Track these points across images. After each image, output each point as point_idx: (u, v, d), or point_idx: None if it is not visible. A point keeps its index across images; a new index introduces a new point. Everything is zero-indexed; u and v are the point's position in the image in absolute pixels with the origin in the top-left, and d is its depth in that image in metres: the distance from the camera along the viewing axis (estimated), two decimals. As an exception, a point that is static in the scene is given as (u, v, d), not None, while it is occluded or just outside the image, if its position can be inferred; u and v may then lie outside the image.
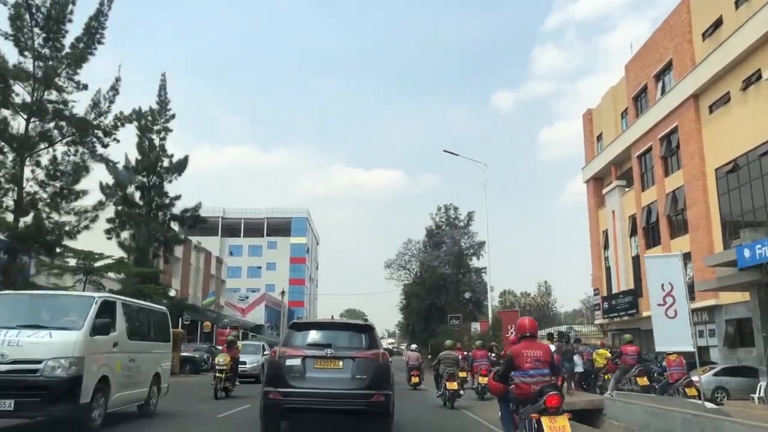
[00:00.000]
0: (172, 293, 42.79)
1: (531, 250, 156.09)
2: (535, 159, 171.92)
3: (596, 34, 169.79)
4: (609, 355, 16.43)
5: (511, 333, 25.08)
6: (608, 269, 39.97)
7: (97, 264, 22.63)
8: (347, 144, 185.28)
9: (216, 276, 69.20)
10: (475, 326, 33.83)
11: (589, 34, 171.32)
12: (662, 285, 11.75)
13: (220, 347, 39.61)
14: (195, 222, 28.16)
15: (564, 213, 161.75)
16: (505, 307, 42.92)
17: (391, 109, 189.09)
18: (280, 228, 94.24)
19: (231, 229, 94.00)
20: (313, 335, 9.00)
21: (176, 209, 28.24)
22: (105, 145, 19.01)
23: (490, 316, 29.70)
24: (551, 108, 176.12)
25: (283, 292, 61.97)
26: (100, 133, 18.77)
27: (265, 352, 22.76)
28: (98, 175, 32.37)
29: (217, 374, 16.09)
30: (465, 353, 22.18)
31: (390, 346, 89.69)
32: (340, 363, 8.36)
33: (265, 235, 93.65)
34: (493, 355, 19.18)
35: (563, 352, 15.50)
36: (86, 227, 18.58)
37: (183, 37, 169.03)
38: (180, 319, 44.76)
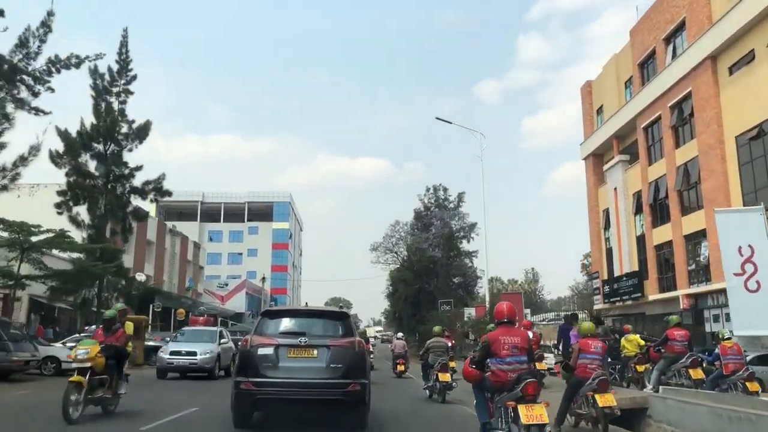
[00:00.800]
0: (141, 277, 39.75)
1: (517, 237, 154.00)
2: (518, 148, 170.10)
3: (581, 24, 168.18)
4: (641, 342, 13.70)
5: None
6: (609, 251, 37.48)
7: (36, 239, 19.60)
8: (333, 133, 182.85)
9: (193, 262, 65.97)
10: (470, 312, 31.20)
11: (573, 24, 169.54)
12: (739, 248, 8.89)
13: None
14: (159, 195, 25.02)
15: (549, 201, 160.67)
16: (492, 295, 40.65)
17: (376, 99, 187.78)
18: (262, 213, 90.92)
19: (210, 214, 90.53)
20: (287, 323, 8.64)
21: (137, 181, 25.10)
22: (35, 93, 15.89)
23: (487, 299, 26.87)
24: (536, 98, 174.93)
25: (263, 279, 58.94)
26: (28, 79, 15.66)
27: (223, 340, 19.40)
28: (49, 143, 29.04)
29: (73, 378, 8.74)
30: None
31: (378, 335, 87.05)
32: (315, 352, 8.00)
33: (246, 220, 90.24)
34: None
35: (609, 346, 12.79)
36: (3, 187, 15.52)
37: (167, 26, 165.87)
38: (151, 305, 41.89)
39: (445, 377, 13.13)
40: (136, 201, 25.22)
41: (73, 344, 14.10)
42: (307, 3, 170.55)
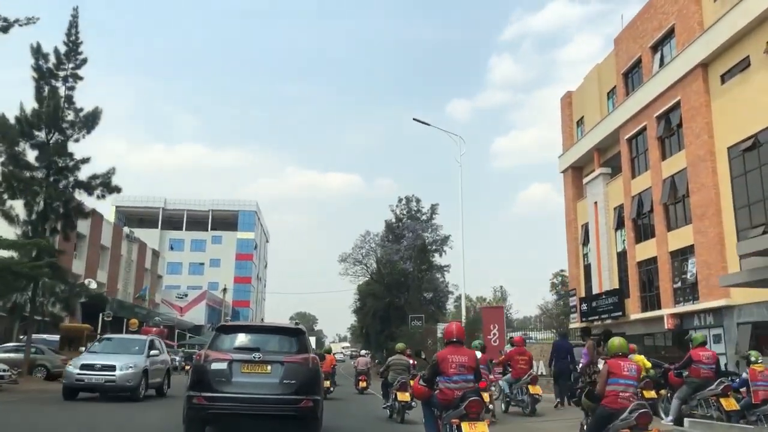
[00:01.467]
0: (92, 284, 36.90)
1: (485, 255, 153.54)
2: (488, 167, 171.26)
3: (552, 48, 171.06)
4: (647, 363, 11.93)
5: (495, 334, 20.74)
6: (588, 267, 36.07)
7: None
8: (303, 147, 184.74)
9: (152, 270, 62.82)
10: (443, 327, 29.28)
11: (544, 47, 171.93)
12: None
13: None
14: (107, 190, 22.58)
15: (517, 221, 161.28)
16: (454, 316, 38.87)
17: (347, 114, 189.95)
18: (227, 222, 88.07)
19: (172, 221, 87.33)
20: (241, 338, 8.75)
21: (84, 174, 22.63)
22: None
23: (463, 314, 24.82)
24: (507, 118, 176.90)
25: (224, 290, 56.18)
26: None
27: (153, 352, 15.65)
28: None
29: None
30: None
31: (344, 351, 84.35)
32: (268, 367, 8.18)
33: (209, 228, 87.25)
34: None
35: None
36: None
37: (136, 34, 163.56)
38: (101, 314, 38.94)
39: (404, 397, 12.48)
40: (81, 196, 22.68)
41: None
42: (278, 14, 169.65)
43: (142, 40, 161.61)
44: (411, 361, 14.91)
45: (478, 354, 11.52)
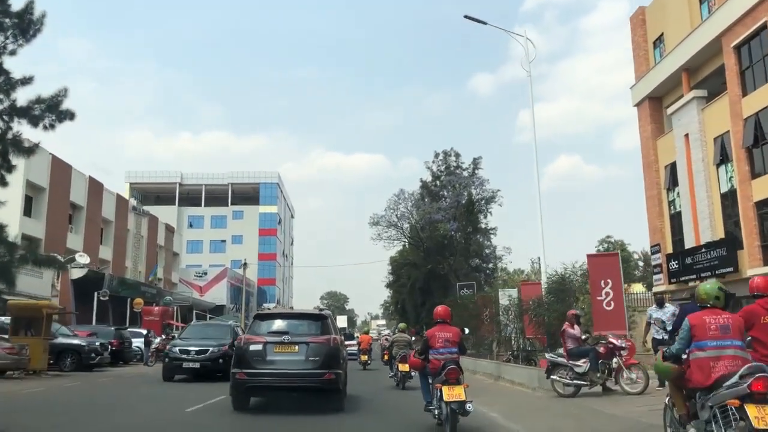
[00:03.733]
0: (83, 259, 31.50)
1: (518, 230, 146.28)
2: (513, 141, 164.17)
3: (575, 16, 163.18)
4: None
5: (607, 293, 14.43)
6: (676, 216, 29.34)
7: None
8: (326, 129, 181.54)
9: (165, 247, 57.64)
10: (510, 293, 22.93)
11: (568, 16, 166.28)
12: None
13: (142, 330, 28.59)
14: (56, 118, 16.60)
15: (547, 194, 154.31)
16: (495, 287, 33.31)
17: (369, 94, 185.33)
18: (247, 196, 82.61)
19: (190, 198, 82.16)
20: (274, 324, 10.76)
21: (24, 97, 16.66)
22: None
23: (543, 273, 18.04)
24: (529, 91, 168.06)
25: (245, 264, 50.75)
26: None
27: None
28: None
29: None
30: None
31: (384, 333, 78.59)
32: (296, 347, 10.08)
33: (229, 203, 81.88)
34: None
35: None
36: None
37: (156, 24, 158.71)
38: (96, 293, 33.70)
39: (404, 367, 15.37)
40: (21, 127, 16.76)
41: None
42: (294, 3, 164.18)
43: (161, 29, 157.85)
44: (412, 338, 18.20)
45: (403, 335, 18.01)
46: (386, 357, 20.98)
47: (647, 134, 31.69)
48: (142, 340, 25.97)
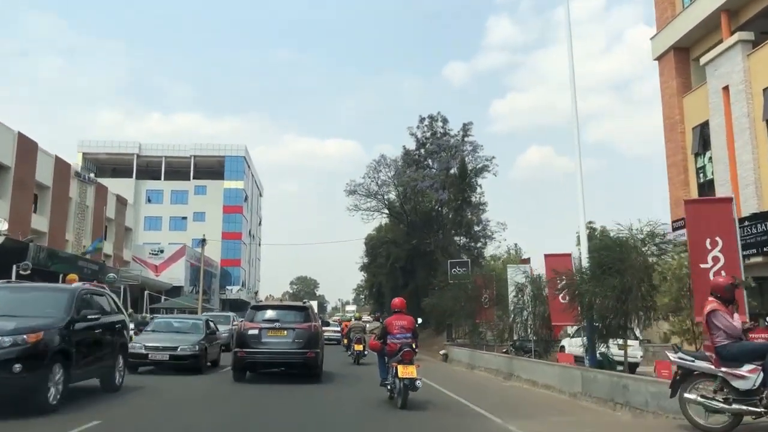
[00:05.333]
0: (2, 226, 26.04)
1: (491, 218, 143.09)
2: (485, 131, 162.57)
3: (551, 7, 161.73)
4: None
5: (715, 257, 9.78)
6: (707, 185, 25.07)
7: None
8: (300, 114, 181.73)
9: (116, 221, 51.87)
10: (525, 269, 18.07)
11: (543, 7, 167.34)
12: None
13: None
14: None
15: (516, 184, 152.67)
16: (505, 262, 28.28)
17: (344, 80, 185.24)
18: (211, 170, 76.71)
19: (150, 170, 75.88)
20: (267, 313, 13.89)
21: None
22: None
23: (584, 242, 13.24)
24: (504, 80, 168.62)
25: (203, 240, 45.45)
26: None
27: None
28: None
29: None
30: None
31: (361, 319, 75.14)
32: (285, 332, 13.09)
33: (192, 177, 75.85)
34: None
35: None
36: None
37: (121, 4, 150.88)
38: (15, 267, 28.18)
39: (359, 347, 20.04)
40: None
41: None
42: None
43: (133, 8, 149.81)
44: (366, 326, 22.57)
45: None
46: (345, 341, 24.13)
47: (671, 91, 27.25)
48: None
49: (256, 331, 13.02)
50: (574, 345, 19.64)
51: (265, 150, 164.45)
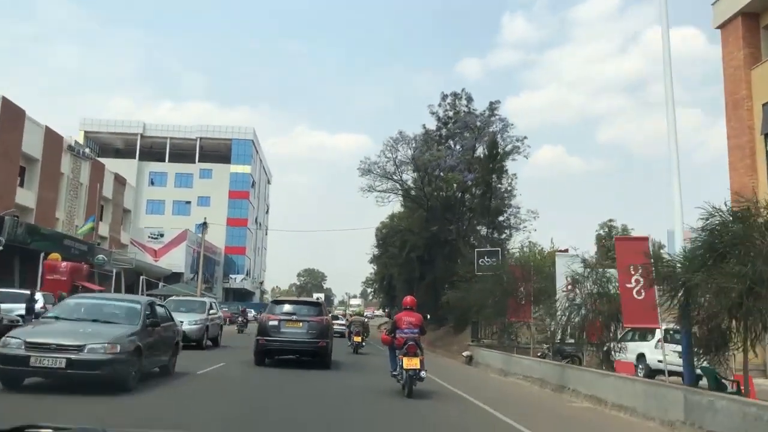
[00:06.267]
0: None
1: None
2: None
3: (566, 6, 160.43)
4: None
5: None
6: (781, 169, 21.58)
7: None
8: (312, 107, 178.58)
9: (114, 201, 48.88)
10: (583, 258, 14.64)
11: (558, 5, 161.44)
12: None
13: (37, 293, 20.26)
14: None
15: (531, 182, 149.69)
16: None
17: (356, 74, 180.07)
18: (218, 154, 73.56)
19: (154, 152, 72.86)
20: (285, 307, 15.51)
21: None
22: None
23: (679, 232, 10.13)
24: (518, 78, 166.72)
25: (204, 224, 42.37)
26: None
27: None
28: None
29: None
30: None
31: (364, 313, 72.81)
32: (300, 324, 14.63)
33: (197, 160, 72.75)
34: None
35: None
36: None
37: None
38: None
39: (357, 339, 21.88)
40: None
41: None
42: None
43: None
44: (365, 320, 24.93)
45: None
46: (347, 333, 25.31)
47: (737, 63, 23.69)
48: (24, 305, 17.68)
49: (275, 322, 14.53)
50: (654, 353, 16.29)
51: (275, 142, 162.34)
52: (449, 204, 28.86)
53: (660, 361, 15.77)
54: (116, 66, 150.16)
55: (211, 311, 19.63)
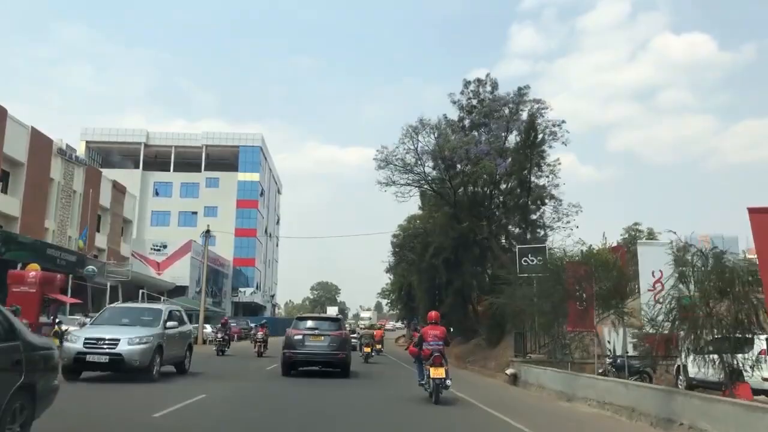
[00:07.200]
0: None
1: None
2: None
3: (575, 14, 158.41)
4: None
5: None
6: None
7: None
8: (322, 122, 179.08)
9: (113, 210, 45.73)
10: (688, 245, 11.22)
11: (567, 14, 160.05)
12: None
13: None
14: None
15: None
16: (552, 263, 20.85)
17: (366, 88, 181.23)
18: (225, 162, 70.49)
19: (159, 162, 69.87)
20: (308, 323, 17.04)
21: None
22: None
23: None
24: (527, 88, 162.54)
25: (207, 232, 39.11)
26: None
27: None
28: None
29: None
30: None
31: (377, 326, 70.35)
32: (322, 338, 16.17)
33: (203, 168, 69.64)
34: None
35: None
36: None
37: (153, 10, 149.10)
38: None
39: (367, 349, 24.07)
40: None
41: None
42: None
43: (159, 15, 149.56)
44: (375, 333, 27.16)
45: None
46: (359, 345, 26.51)
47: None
48: None
49: (300, 337, 16.01)
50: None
51: (286, 157, 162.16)
52: (479, 198, 25.29)
53: (766, 379, 12.44)
54: (130, 85, 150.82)
55: (170, 323, 14.22)
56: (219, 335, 26.07)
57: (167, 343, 13.63)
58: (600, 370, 16.18)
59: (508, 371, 18.54)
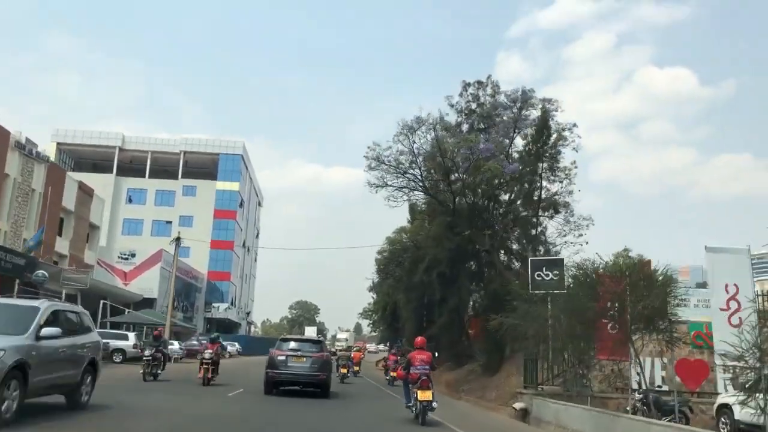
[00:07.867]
0: None
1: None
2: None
3: (560, 44, 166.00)
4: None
5: None
6: None
7: None
8: (307, 140, 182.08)
9: (77, 214, 42.34)
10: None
11: (553, 43, 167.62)
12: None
13: None
14: None
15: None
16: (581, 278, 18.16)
17: (352, 108, 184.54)
18: (203, 170, 67.26)
19: (134, 168, 66.43)
20: (291, 344, 17.59)
21: None
22: None
23: None
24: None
25: (178, 239, 35.99)
26: None
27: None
28: None
29: None
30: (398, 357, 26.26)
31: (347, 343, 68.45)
32: (304, 359, 16.73)
33: (180, 176, 66.31)
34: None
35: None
36: None
37: (142, 25, 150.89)
38: None
39: (343, 370, 25.48)
40: None
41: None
42: (285, 6, 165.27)
43: (148, 30, 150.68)
44: (351, 354, 29.16)
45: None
46: (336, 366, 26.27)
47: None
48: None
49: (283, 357, 16.67)
50: None
51: (270, 174, 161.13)
52: (481, 206, 22.56)
53: None
54: (117, 96, 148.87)
55: (48, 330, 9.02)
56: (147, 352, 19.02)
57: (42, 361, 8.72)
58: (626, 408, 13.55)
59: (517, 405, 15.67)
